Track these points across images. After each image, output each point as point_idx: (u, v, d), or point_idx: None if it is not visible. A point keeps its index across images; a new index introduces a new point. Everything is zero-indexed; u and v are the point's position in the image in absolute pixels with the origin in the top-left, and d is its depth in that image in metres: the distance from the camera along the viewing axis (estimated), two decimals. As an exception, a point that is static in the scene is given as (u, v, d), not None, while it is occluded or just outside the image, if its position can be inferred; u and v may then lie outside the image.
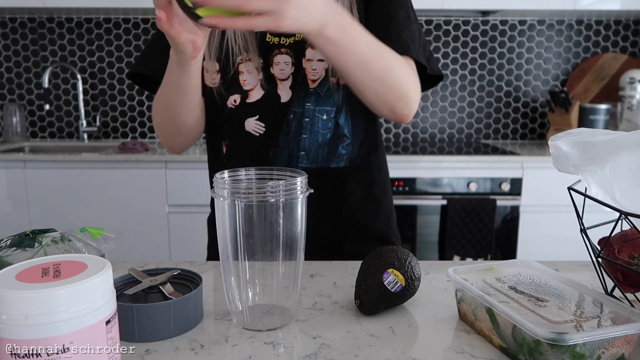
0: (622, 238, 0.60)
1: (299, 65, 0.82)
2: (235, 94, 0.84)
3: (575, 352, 0.47)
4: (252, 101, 0.84)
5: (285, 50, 0.82)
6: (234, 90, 0.84)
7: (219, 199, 0.57)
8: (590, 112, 2.30)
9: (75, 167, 2.08)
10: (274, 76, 0.83)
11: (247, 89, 0.84)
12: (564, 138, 0.59)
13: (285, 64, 0.82)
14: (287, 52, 0.82)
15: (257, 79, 0.83)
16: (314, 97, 0.83)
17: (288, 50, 0.82)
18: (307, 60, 0.82)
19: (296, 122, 0.84)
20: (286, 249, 0.58)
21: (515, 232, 2.13)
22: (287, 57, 0.82)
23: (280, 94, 0.83)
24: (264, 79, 0.83)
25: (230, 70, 0.83)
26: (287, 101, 0.83)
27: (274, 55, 0.82)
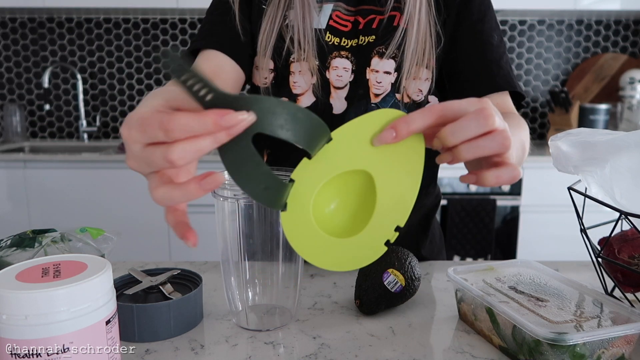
0: (622, 238, 0.60)
1: (361, 74, 0.73)
2: (283, 97, 0.74)
3: (575, 352, 0.47)
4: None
5: (346, 54, 0.73)
6: (283, 92, 0.75)
7: (219, 199, 0.57)
8: (590, 112, 2.30)
9: (75, 167, 2.08)
10: (329, 82, 0.74)
11: (297, 92, 0.74)
12: (564, 138, 0.59)
13: (344, 69, 0.73)
14: (347, 57, 0.73)
15: (309, 82, 0.74)
16: None
17: (349, 54, 0.73)
18: (371, 71, 0.73)
19: None
20: (286, 249, 0.58)
21: (515, 232, 2.13)
22: (347, 62, 0.73)
23: (333, 104, 0.74)
24: (318, 83, 0.74)
25: (283, 70, 0.74)
26: (341, 113, 0.74)
27: (332, 57, 0.73)
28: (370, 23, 0.74)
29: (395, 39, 0.72)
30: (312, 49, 0.72)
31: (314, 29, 0.73)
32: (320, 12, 0.73)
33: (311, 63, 0.73)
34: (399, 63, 0.72)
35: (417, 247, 0.87)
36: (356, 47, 0.74)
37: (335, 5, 0.74)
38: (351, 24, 0.74)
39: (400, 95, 0.74)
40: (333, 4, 0.75)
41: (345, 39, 0.74)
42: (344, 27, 0.74)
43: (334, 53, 0.74)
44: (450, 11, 0.74)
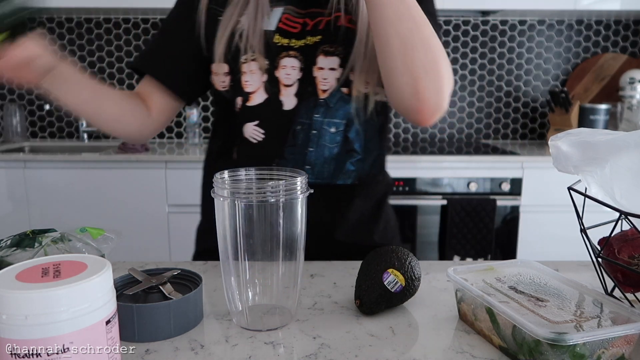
0: (622, 238, 0.60)
1: (308, 72, 0.77)
2: (238, 97, 0.79)
3: (575, 352, 0.47)
4: (252, 104, 0.78)
5: (294, 54, 0.77)
6: (238, 93, 0.79)
7: (219, 199, 0.57)
8: (590, 112, 2.30)
9: (75, 167, 2.08)
10: (278, 80, 0.78)
11: (249, 91, 0.78)
12: (564, 138, 0.59)
13: (292, 68, 0.77)
14: (295, 56, 0.77)
15: (260, 81, 0.78)
16: (323, 108, 0.78)
17: (297, 53, 0.77)
18: (318, 69, 0.77)
19: (303, 134, 0.79)
20: (286, 249, 0.58)
21: (515, 232, 2.13)
22: (295, 61, 0.77)
23: (284, 101, 0.78)
24: (268, 82, 0.78)
25: (236, 71, 0.78)
26: (292, 109, 0.78)
27: (281, 57, 0.77)
28: (318, 24, 0.78)
29: (339, 37, 0.77)
30: (261, 49, 0.77)
31: (264, 30, 0.77)
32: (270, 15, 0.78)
33: (260, 62, 0.77)
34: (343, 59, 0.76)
35: (371, 234, 0.88)
36: (304, 47, 0.77)
37: (285, 9, 0.79)
38: (300, 25, 0.78)
39: (348, 90, 0.78)
40: (283, 7, 0.79)
41: (295, 40, 0.78)
42: (294, 28, 0.78)
43: (282, 53, 0.78)
44: None
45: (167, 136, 2.65)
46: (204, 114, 2.62)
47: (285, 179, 0.61)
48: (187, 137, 2.43)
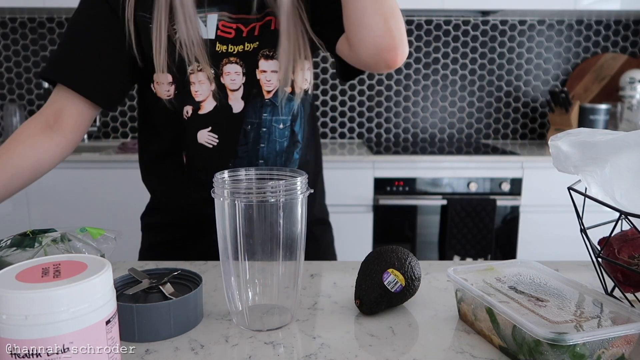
0: (622, 238, 0.60)
1: (251, 76, 0.82)
2: (187, 105, 0.82)
3: (575, 352, 0.47)
4: (204, 112, 0.82)
5: (235, 60, 0.81)
6: (186, 102, 0.81)
7: (219, 199, 0.57)
8: (590, 112, 2.30)
9: (75, 167, 2.08)
10: (224, 86, 0.81)
11: (199, 100, 0.81)
12: (564, 138, 0.59)
13: (236, 73, 0.81)
14: (236, 62, 0.81)
15: (209, 89, 0.81)
16: (270, 108, 0.83)
17: (237, 59, 0.81)
18: (261, 72, 0.82)
19: (254, 133, 0.83)
20: (286, 249, 0.59)
21: (515, 232, 2.13)
22: (237, 67, 0.81)
23: (232, 105, 0.82)
24: (216, 89, 0.81)
25: (183, 81, 0.80)
26: (241, 112, 0.82)
27: (224, 64, 0.81)
28: (252, 31, 0.82)
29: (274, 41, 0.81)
30: (206, 59, 0.79)
31: (205, 39, 0.80)
32: (207, 23, 0.80)
33: (207, 72, 0.80)
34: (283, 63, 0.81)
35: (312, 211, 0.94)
36: (243, 53, 0.81)
37: (219, 15, 0.81)
38: (234, 31, 0.82)
39: (290, 88, 0.83)
40: (217, 13, 0.81)
41: (232, 46, 0.81)
42: (229, 34, 0.81)
43: (224, 60, 0.81)
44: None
45: (167, 136, 2.65)
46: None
47: (285, 179, 0.61)
48: (187, 137, 2.43)
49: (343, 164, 2.06)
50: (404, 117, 2.65)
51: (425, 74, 2.61)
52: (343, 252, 2.12)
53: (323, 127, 2.65)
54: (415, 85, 2.62)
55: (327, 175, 2.06)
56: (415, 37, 2.57)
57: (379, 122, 2.64)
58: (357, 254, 2.37)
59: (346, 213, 2.09)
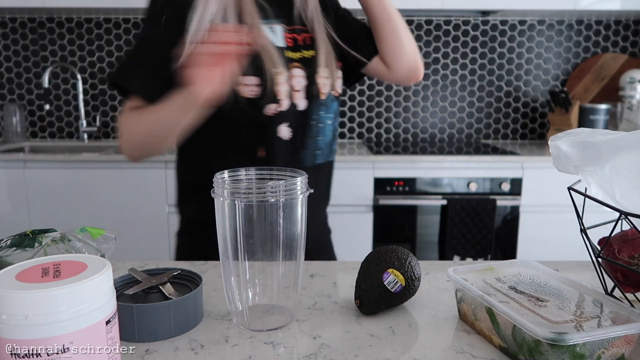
0: (622, 238, 0.60)
1: (312, 79, 0.93)
2: (272, 103, 0.90)
3: (575, 352, 0.47)
4: (283, 110, 0.91)
5: (297, 65, 0.92)
6: (270, 100, 0.90)
7: (219, 199, 0.57)
8: (590, 112, 2.30)
9: (75, 167, 2.08)
10: (292, 87, 0.92)
11: (280, 98, 0.91)
12: (564, 138, 0.59)
13: (300, 77, 0.93)
14: (299, 67, 0.92)
15: (286, 89, 0.91)
16: (324, 106, 0.96)
17: (299, 64, 0.93)
18: (319, 77, 0.94)
19: (315, 127, 0.96)
20: (286, 249, 0.59)
21: (515, 232, 2.13)
22: (300, 71, 0.92)
23: (297, 103, 0.93)
24: (289, 89, 0.92)
25: (267, 83, 0.88)
26: (305, 109, 0.94)
27: (291, 68, 0.92)
28: (305, 40, 0.95)
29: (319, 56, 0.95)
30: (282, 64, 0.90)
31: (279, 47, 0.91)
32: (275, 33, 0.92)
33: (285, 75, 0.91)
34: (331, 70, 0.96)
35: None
36: (302, 59, 0.94)
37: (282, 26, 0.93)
38: (292, 40, 0.94)
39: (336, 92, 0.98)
40: (279, 25, 0.93)
41: (293, 53, 0.93)
42: (290, 42, 0.94)
43: (290, 64, 0.92)
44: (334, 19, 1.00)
45: (167, 136, 2.65)
46: (204, 114, 2.62)
47: (285, 179, 0.61)
48: (187, 137, 2.43)
49: (343, 164, 2.06)
50: (404, 117, 2.65)
51: (425, 74, 2.61)
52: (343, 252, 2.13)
53: (323, 127, 2.65)
54: (415, 85, 2.62)
55: (327, 175, 2.06)
56: (415, 37, 2.57)
57: (379, 122, 2.64)
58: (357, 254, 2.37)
59: (346, 213, 2.09)
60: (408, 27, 1.00)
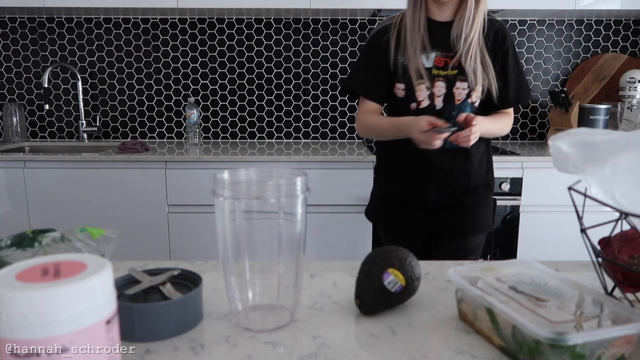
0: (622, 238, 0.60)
1: (450, 90, 1.32)
2: (413, 103, 1.34)
3: (575, 352, 0.47)
4: (422, 107, 1.34)
5: (442, 79, 1.32)
6: (412, 100, 1.34)
7: (219, 199, 0.57)
8: (590, 112, 2.30)
9: (75, 167, 2.08)
10: (434, 93, 1.33)
11: (420, 99, 1.33)
12: (564, 138, 0.59)
13: (441, 87, 1.32)
14: (442, 80, 1.32)
15: (426, 94, 1.33)
16: (457, 109, 1.33)
17: (443, 79, 1.32)
18: (456, 88, 1.32)
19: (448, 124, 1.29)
20: (286, 249, 0.58)
21: (515, 232, 2.13)
22: (442, 83, 1.32)
23: (436, 104, 1.33)
24: (430, 94, 1.33)
25: (410, 89, 1.33)
26: (440, 109, 1.33)
27: (435, 81, 1.32)
28: (455, 63, 1.32)
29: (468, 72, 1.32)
30: (423, 77, 1.32)
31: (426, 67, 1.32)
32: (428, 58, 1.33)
33: (426, 84, 1.32)
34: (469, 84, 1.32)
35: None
36: (447, 76, 1.33)
37: (437, 53, 1.32)
38: (444, 62, 1.32)
39: (470, 99, 1.33)
40: (435, 53, 1.32)
41: (441, 71, 1.33)
42: (440, 64, 1.33)
43: (436, 79, 1.33)
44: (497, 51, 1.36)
45: (167, 136, 2.65)
46: (204, 114, 2.62)
47: (285, 179, 0.61)
48: (187, 137, 2.43)
49: (343, 164, 2.06)
50: (404, 117, 2.65)
51: (425, 74, 2.60)
52: (343, 252, 2.12)
53: (323, 127, 2.65)
54: (415, 85, 2.62)
55: (328, 175, 2.06)
56: (415, 37, 2.57)
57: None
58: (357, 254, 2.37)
59: (346, 213, 2.09)
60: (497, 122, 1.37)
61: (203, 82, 2.60)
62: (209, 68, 2.58)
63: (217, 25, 2.55)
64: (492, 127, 1.36)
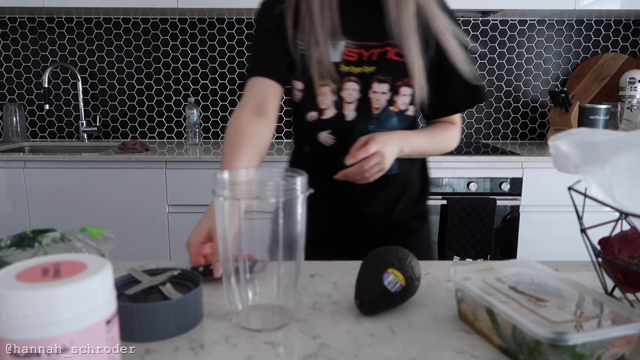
0: (622, 238, 0.60)
1: (365, 94, 0.96)
2: (313, 111, 0.98)
3: (575, 352, 0.47)
4: (325, 118, 0.98)
5: (354, 79, 0.96)
6: (312, 108, 0.98)
7: (219, 199, 0.57)
8: (590, 112, 2.30)
9: (75, 167, 2.08)
10: (342, 98, 0.97)
11: (322, 107, 0.98)
12: (564, 138, 0.59)
13: (353, 90, 0.96)
14: (355, 81, 0.96)
15: (331, 100, 0.97)
16: (375, 122, 0.98)
17: (356, 79, 0.96)
18: (373, 92, 0.96)
19: None
20: (286, 249, 0.58)
21: (515, 232, 2.13)
22: (355, 85, 0.96)
23: (346, 114, 0.97)
24: (336, 100, 0.97)
25: (310, 91, 0.97)
26: (352, 120, 0.98)
27: (345, 81, 0.96)
28: (371, 56, 0.95)
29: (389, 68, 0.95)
30: (330, 77, 0.95)
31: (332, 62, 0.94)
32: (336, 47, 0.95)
33: (331, 87, 0.96)
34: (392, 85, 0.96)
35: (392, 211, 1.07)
36: (361, 74, 0.96)
37: (346, 42, 0.95)
38: (357, 55, 0.95)
39: (393, 107, 0.97)
40: (345, 41, 0.95)
41: (353, 67, 0.95)
42: (352, 57, 0.95)
43: (345, 78, 0.96)
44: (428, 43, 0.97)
45: (167, 136, 2.65)
46: (204, 114, 2.62)
47: (285, 179, 0.61)
48: (187, 138, 2.43)
49: (343, 164, 2.06)
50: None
51: (425, 74, 2.61)
52: (343, 252, 2.12)
53: (323, 127, 2.65)
54: (415, 85, 2.62)
55: (327, 175, 2.06)
56: (415, 37, 2.57)
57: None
58: (357, 254, 2.34)
59: (346, 213, 2.09)
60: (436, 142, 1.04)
61: (203, 82, 2.60)
62: (209, 68, 2.58)
63: (217, 25, 2.55)
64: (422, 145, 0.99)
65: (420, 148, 1.00)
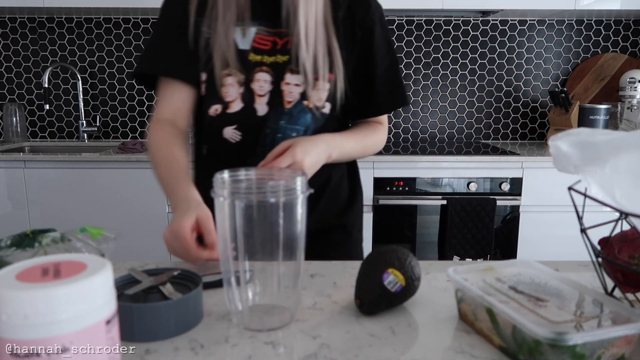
0: (622, 238, 0.60)
1: (277, 86, 0.90)
2: (216, 104, 0.90)
3: (575, 352, 0.47)
4: (232, 112, 0.90)
5: (266, 69, 0.90)
6: (215, 101, 0.90)
7: (219, 199, 0.57)
8: (590, 112, 2.30)
9: (75, 167, 2.08)
10: (253, 91, 0.90)
11: (228, 100, 0.90)
12: (564, 138, 0.59)
13: (265, 81, 0.89)
14: (267, 71, 0.90)
15: (238, 92, 0.89)
16: (287, 117, 0.91)
17: (269, 69, 0.89)
18: (285, 84, 0.90)
19: (271, 137, 0.91)
20: (286, 249, 0.58)
21: (515, 232, 2.13)
22: (267, 76, 0.89)
23: (257, 108, 0.90)
24: (245, 92, 0.90)
25: (213, 82, 0.89)
26: (264, 115, 0.90)
27: (255, 72, 0.89)
28: (286, 44, 0.90)
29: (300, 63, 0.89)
30: (238, 67, 0.88)
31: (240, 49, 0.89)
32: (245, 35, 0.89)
33: (238, 77, 0.89)
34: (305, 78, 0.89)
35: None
36: (274, 64, 0.90)
37: (258, 29, 0.90)
38: (271, 43, 0.90)
39: (307, 102, 0.91)
40: (256, 27, 0.90)
41: (266, 57, 0.90)
42: (265, 46, 0.90)
43: (256, 68, 0.89)
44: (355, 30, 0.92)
45: (167, 136, 2.65)
46: (204, 114, 2.62)
47: (285, 179, 0.61)
48: (187, 137, 2.43)
49: (343, 164, 2.06)
50: (404, 117, 2.65)
51: (425, 74, 2.61)
52: (343, 252, 2.12)
53: (323, 127, 2.65)
54: (415, 85, 2.62)
55: (327, 175, 2.06)
56: (415, 37, 2.57)
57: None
58: (357, 254, 2.34)
59: (346, 213, 2.09)
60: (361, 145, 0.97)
61: (203, 82, 2.59)
62: (209, 68, 2.58)
63: (217, 25, 2.55)
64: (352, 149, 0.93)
65: (349, 152, 0.94)
